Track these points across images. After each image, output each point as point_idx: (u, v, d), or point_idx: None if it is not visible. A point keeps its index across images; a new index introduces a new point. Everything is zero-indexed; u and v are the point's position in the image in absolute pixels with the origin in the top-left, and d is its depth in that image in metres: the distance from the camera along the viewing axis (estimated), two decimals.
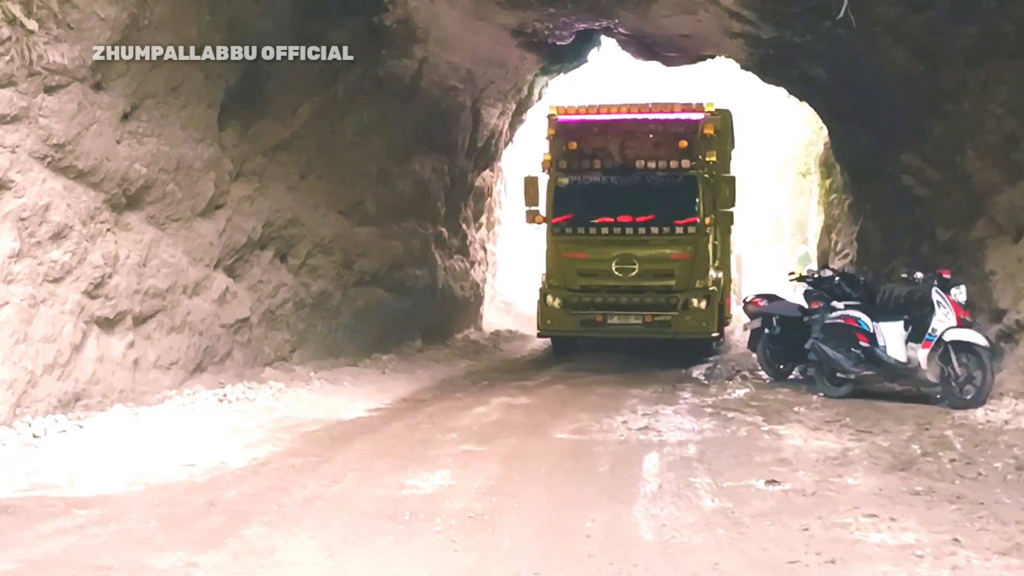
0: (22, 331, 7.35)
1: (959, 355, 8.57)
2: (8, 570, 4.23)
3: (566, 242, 13.81)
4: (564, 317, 13.67)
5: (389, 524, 5.17)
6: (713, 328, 13.66)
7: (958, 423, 7.89)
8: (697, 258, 13.43)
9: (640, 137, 13.93)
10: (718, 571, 4.39)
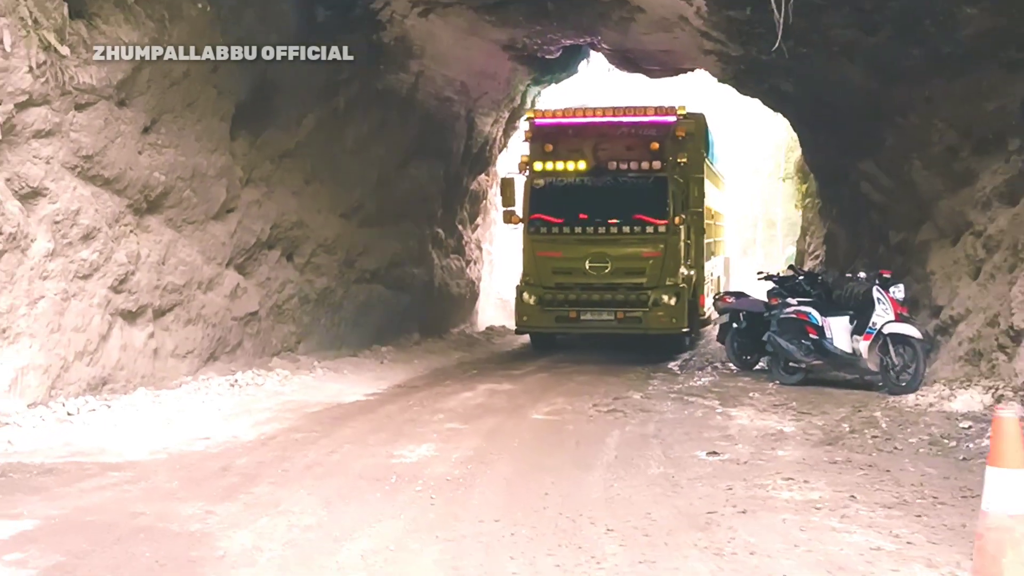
0: (56, 322, 8.16)
1: (896, 346, 9.35)
2: (60, 515, 5.02)
3: (541, 241, 13.92)
4: (540, 314, 13.81)
5: (378, 485, 5.93)
6: (683, 324, 13.78)
7: (890, 406, 8.67)
8: (667, 256, 13.52)
9: (613, 139, 14.00)
10: (648, 519, 5.16)
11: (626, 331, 13.71)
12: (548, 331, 14.26)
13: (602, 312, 13.52)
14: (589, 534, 4.88)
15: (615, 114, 14.14)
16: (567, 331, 14.31)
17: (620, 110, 14.21)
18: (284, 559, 4.42)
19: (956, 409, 8.17)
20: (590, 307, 13.54)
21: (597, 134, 14.05)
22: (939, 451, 6.98)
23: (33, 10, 7.69)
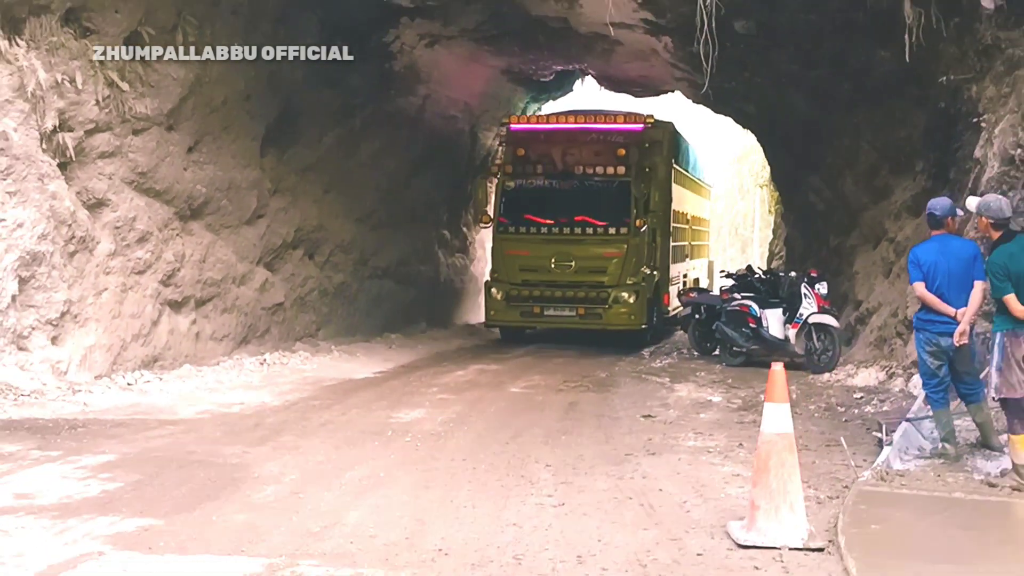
0: (116, 309, 9.56)
1: (818, 333, 10.62)
2: (133, 452, 6.36)
3: (510, 240, 14.13)
4: (506, 309, 14.06)
5: (376, 436, 7.24)
6: (641, 321, 13.95)
7: (806, 382, 9.95)
8: (628, 257, 13.75)
9: (582, 145, 14.21)
10: (579, 458, 6.46)
11: (587, 326, 13.94)
12: (514, 325, 14.46)
13: (564, 308, 13.82)
14: (531, 467, 6.18)
15: (586, 121, 14.41)
16: (531, 325, 14.53)
17: (591, 117, 14.54)
18: (301, 480, 5.74)
19: (856, 384, 9.45)
20: (553, 303, 13.86)
21: (567, 140, 14.32)
22: (829, 414, 8.27)
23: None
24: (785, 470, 4.44)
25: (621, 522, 4.88)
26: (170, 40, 9.61)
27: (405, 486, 5.65)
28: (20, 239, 8.16)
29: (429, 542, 4.45)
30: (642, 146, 14.24)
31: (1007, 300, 5.76)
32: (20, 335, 8.25)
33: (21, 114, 8.19)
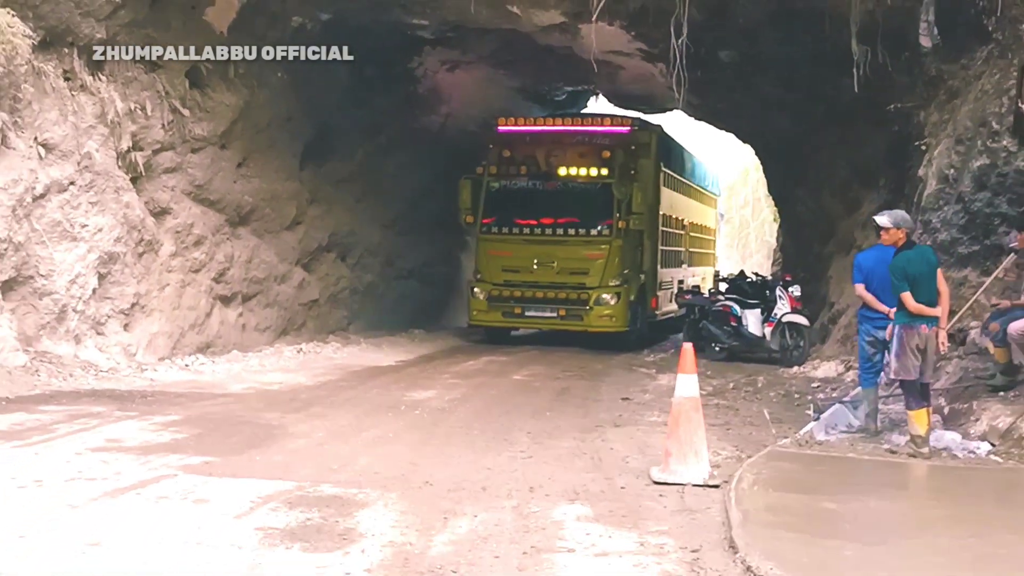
0: (176, 302, 11.04)
1: (790, 331, 11.77)
2: (193, 414, 7.74)
3: (493, 241, 14.10)
4: (488, 309, 14.03)
5: (391, 409, 8.56)
6: (623, 324, 13.90)
7: (775, 374, 11.11)
8: (610, 259, 13.66)
9: (566, 147, 14.11)
10: (557, 428, 7.70)
11: (568, 328, 13.88)
12: (495, 325, 14.38)
13: (545, 309, 13.80)
14: (515, 433, 7.45)
15: (572, 123, 14.47)
16: (513, 325, 14.48)
17: (579, 119, 14.63)
18: (325, 437, 7.07)
19: (817, 375, 10.60)
20: (534, 304, 13.83)
21: (552, 141, 14.27)
22: (785, 400, 9.43)
23: (165, 84, 10.57)
24: (692, 425, 5.68)
25: (572, 468, 6.14)
26: (224, 73, 11.07)
27: (408, 443, 6.97)
28: (100, 241, 9.65)
29: (419, 477, 5.75)
30: (628, 148, 14.19)
31: (904, 297, 6.93)
32: (98, 322, 9.75)
33: (102, 137, 9.69)
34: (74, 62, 9.38)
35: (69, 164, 9.30)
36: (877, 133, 11.39)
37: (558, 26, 12.23)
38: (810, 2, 10.54)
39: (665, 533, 4.58)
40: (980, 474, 6.29)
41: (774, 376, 11.02)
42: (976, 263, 9.30)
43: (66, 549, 4.06)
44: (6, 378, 8.30)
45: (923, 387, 7.01)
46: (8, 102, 8.60)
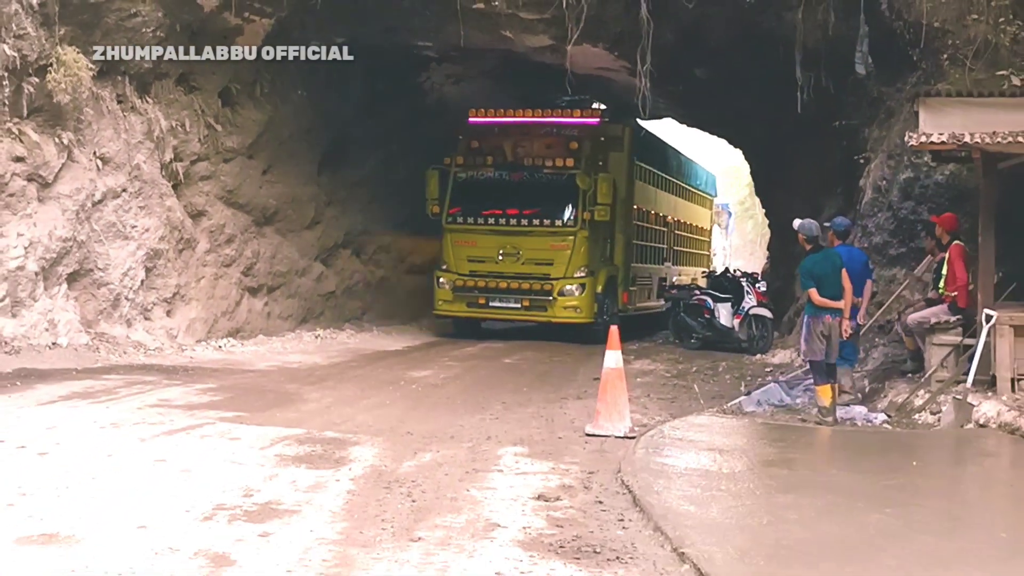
0: (210, 292, 12.84)
1: (756, 323, 13.32)
2: (227, 384, 9.49)
3: (458, 231, 14.31)
4: (453, 300, 14.27)
5: (392, 384, 10.24)
6: (589, 315, 14.04)
7: (738, 360, 12.67)
8: (575, 250, 13.82)
9: (535, 138, 14.27)
10: (528, 399, 9.34)
11: (532, 319, 14.14)
12: (460, 316, 14.62)
13: (510, 300, 14.01)
14: (491, 403, 9.08)
15: (542, 115, 14.53)
16: (478, 316, 14.67)
17: (548, 111, 14.63)
18: (333, 402, 8.76)
19: (773, 361, 12.15)
20: (499, 295, 14.03)
21: (520, 132, 14.41)
22: (738, 381, 10.99)
23: (201, 104, 12.37)
24: (616, 390, 7.32)
25: (527, 426, 7.80)
26: (251, 92, 12.86)
27: (400, 408, 8.66)
28: (147, 240, 11.47)
29: (402, 429, 7.43)
30: (597, 140, 14.34)
31: (811, 293, 8.49)
32: (146, 308, 11.59)
33: (148, 150, 11.51)
34: (126, 88, 11.19)
35: (122, 174, 11.12)
36: (834, 145, 12.88)
37: (548, 47, 13.82)
38: (768, 29, 12.08)
39: (576, 463, 6.23)
40: (860, 435, 7.86)
41: (736, 362, 12.59)
42: (903, 263, 10.83)
43: (141, 464, 5.80)
44: (73, 354, 10.15)
45: (828, 367, 8.56)
46: (73, 123, 10.43)
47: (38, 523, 4.45)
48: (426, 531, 4.58)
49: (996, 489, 6.33)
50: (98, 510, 4.72)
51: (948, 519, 5.19)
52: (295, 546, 4.27)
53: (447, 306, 14.58)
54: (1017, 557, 4.42)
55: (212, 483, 5.34)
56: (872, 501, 5.35)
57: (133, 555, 4.03)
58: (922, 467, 6.49)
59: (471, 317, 14.66)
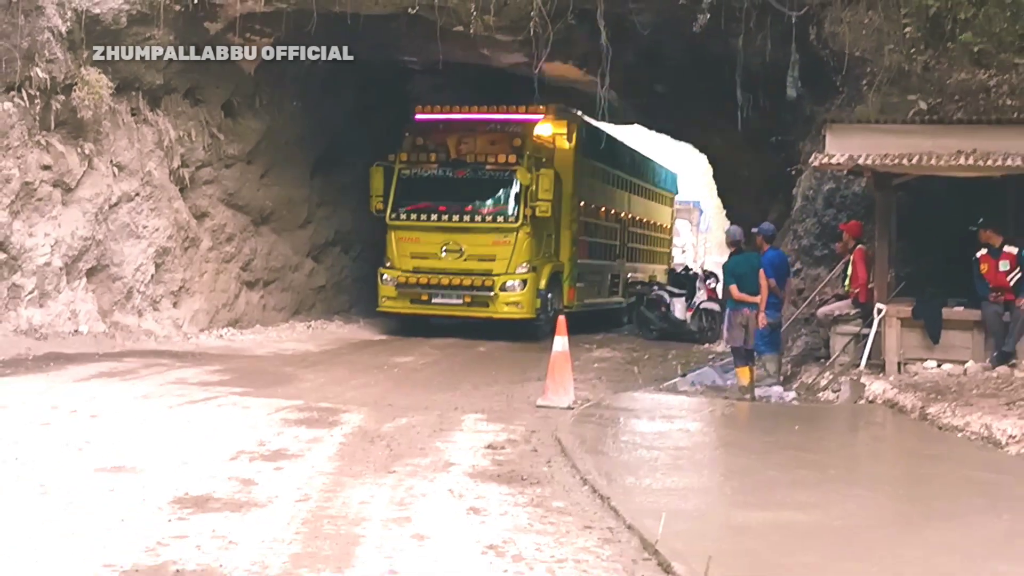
0: (212, 286, 14.36)
1: (705, 316, 14.93)
2: (229, 367, 11.02)
3: (402, 228, 14.52)
4: (397, 296, 14.46)
5: (376, 368, 11.77)
6: (529, 311, 14.26)
7: (689, 349, 14.28)
8: (517, 247, 14.02)
9: (478, 135, 14.51)
10: (495, 380, 10.90)
11: (474, 315, 14.29)
12: (403, 312, 14.81)
13: (452, 296, 14.24)
14: (463, 383, 10.61)
15: (488, 111, 14.82)
16: (420, 312, 14.78)
17: (493, 108, 14.86)
18: (325, 383, 10.28)
19: (717, 350, 13.75)
20: (441, 291, 14.27)
21: (464, 129, 14.72)
22: (682, 366, 12.58)
23: (206, 116, 13.87)
24: (563, 370, 8.90)
25: (490, 400, 9.36)
26: (251, 104, 14.37)
27: (383, 387, 10.21)
28: (156, 238, 12.98)
29: (385, 402, 8.97)
30: (539, 137, 14.71)
31: (732, 289, 10.11)
32: (155, 300, 13.10)
33: (158, 158, 13.01)
34: (139, 102, 12.68)
35: (135, 180, 12.62)
36: (774, 156, 14.48)
37: (522, 63, 15.35)
38: (716, 53, 13.64)
39: (523, 425, 7.80)
40: (769, 408, 9.48)
41: (685, 351, 14.21)
42: (827, 263, 12.43)
43: (174, 424, 7.35)
44: (93, 340, 11.66)
45: (747, 352, 10.18)
46: (93, 135, 11.92)
47: (108, 460, 5.98)
48: (399, 467, 6.14)
49: (860, 447, 7.97)
50: (149, 452, 6.27)
51: (799, 462, 6.78)
52: (301, 475, 5.83)
53: (391, 303, 14.75)
54: (852, 487, 5.97)
55: (232, 437, 6.89)
56: (746, 449, 6.97)
57: (183, 480, 5.57)
58: (803, 431, 8.10)
59: (414, 314, 14.76)
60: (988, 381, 9.23)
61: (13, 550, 4.25)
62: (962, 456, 7.11)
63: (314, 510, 5.05)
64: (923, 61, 11.83)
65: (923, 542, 4.72)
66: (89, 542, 4.37)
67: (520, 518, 5.03)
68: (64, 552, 4.24)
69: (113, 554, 4.19)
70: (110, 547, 4.29)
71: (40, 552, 4.23)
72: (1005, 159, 9.45)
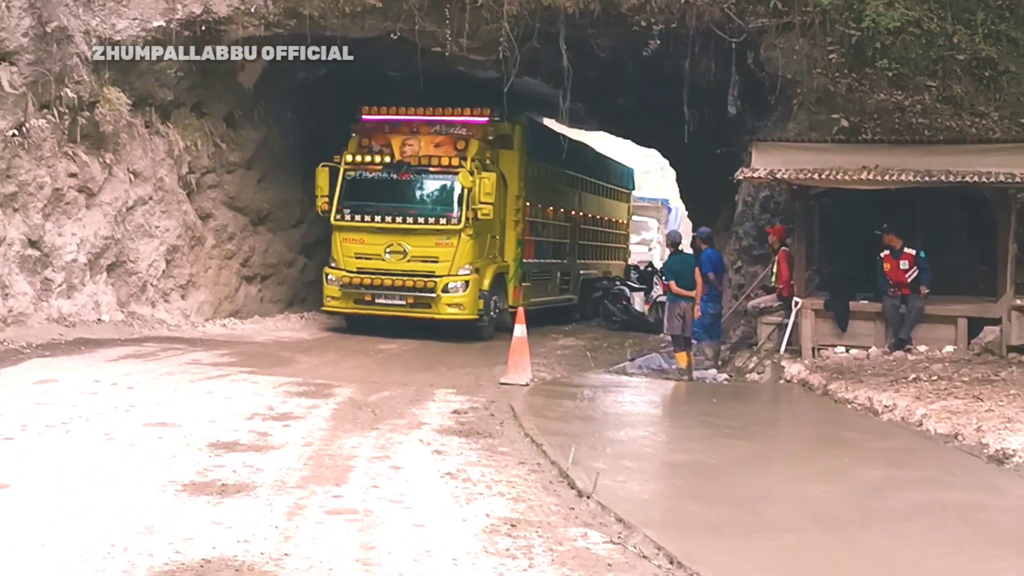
0: (215, 280, 15.96)
1: (661, 308, 16.61)
2: (237, 350, 12.60)
3: (346, 229, 14.70)
4: (341, 296, 14.71)
5: (363, 353, 13.37)
6: (472, 312, 14.50)
7: (645, 338, 15.98)
8: (459, 248, 14.29)
9: (423, 136, 14.70)
10: (469, 364, 12.54)
11: (416, 315, 14.53)
12: (347, 312, 15.07)
13: (395, 296, 14.44)
14: (440, 367, 12.24)
15: (432, 113, 15.01)
16: (364, 312, 14.91)
17: (439, 110, 15.05)
18: (318, 365, 11.90)
19: (668, 339, 15.43)
20: (384, 291, 14.45)
21: (409, 131, 14.87)
22: (634, 352, 14.28)
23: (210, 127, 15.45)
24: (521, 353, 10.57)
25: (460, 379, 11.01)
26: (250, 116, 15.96)
27: (369, 368, 11.85)
28: (167, 238, 14.56)
29: (371, 380, 10.60)
30: (485, 138, 14.91)
31: (670, 285, 11.81)
32: (166, 293, 14.70)
33: (169, 166, 14.58)
34: (152, 116, 14.25)
35: (148, 185, 14.19)
36: (723, 164, 16.17)
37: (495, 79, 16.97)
38: (669, 72, 15.30)
39: (485, 397, 9.46)
40: (702, 386, 11.18)
41: (641, 340, 15.91)
42: (763, 262, 14.13)
43: (197, 394, 8.97)
44: (113, 328, 13.25)
45: (685, 339, 11.89)
46: (113, 146, 13.49)
47: (151, 418, 7.62)
48: (381, 426, 7.80)
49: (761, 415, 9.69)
50: (182, 413, 7.90)
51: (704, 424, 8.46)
52: (305, 430, 7.48)
53: (335, 303, 15.00)
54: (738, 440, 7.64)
55: (246, 404, 8.53)
56: (664, 416, 8.66)
57: (213, 432, 7.20)
58: (719, 404, 9.80)
59: (357, 314, 14.97)
60: (884, 363, 10.99)
61: (100, 474, 5.88)
62: (842, 422, 8.82)
63: (316, 451, 6.71)
64: (846, 83, 13.55)
65: (767, 474, 6.42)
66: (154, 469, 6.01)
67: (472, 457, 6.71)
68: (138, 475, 5.88)
69: (174, 475, 5.84)
70: (171, 471, 5.94)
71: (121, 475, 5.87)
72: (900, 174, 11.18)
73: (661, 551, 4.51)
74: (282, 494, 5.53)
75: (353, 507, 5.29)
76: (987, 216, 12.39)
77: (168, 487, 5.59)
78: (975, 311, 11.24)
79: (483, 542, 4.74)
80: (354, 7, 13.97)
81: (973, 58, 13.43)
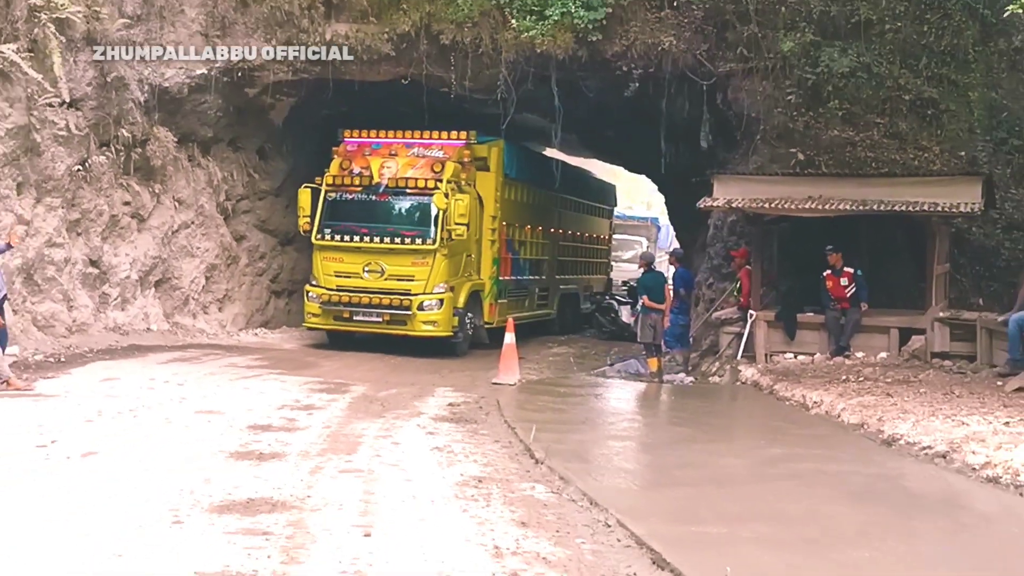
0: (248, 294, 17.54)
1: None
2: (266, 354, 14.13)
3: (326, 248, 15.06)
4: (322, 313, 15.00)
5: (376, 359, 14.81)
6: (446, 329, 14.72)
7: (629, 346, 17.32)
8: (435, 267, 14.56)
9: (401, 158, 15.07)
10: (468, 368, 14.01)
11: (393, 332, 14.79)
12: (327, 329, 15.38)
13: (372, 314, 14.73)
14: (442, 370, 13.70)
15: (412, 136, 15.44)
16: (343, 329, 15.21)
17: (419, 133, 15.48)
18: (340, 368, 13.33)
19: None
20: (363, 309, 14.77)
21: (389, 153, 15.28)
22: (616, 358, 15.65)
23: (244, 159, 17.06)
24: (511, 357, 12.02)
25: (459, 380, 12.46)
26: (279, 149, 17.58)
27: (382, 372, 13.31)
28: (206, 257, 16.16)
29: (382, 380, 12.06)
30: (461, 160, 15.27)
31: (643, 299, 13.23)
32: (205, 306, 16.28)
33: (208, 194, 16.20)
34: (194, 150, 15.87)
35: (191, 211, 15.79)
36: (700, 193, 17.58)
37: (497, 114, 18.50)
38: (649, 110, 16.76)
39: (477, 394, 10.91)
40: (670, 388, 12.56)
41: (626, 348, 17.27)
42: (731, 279, 15.50)
43: (235, 391, 10.47)
44: (161, 336, 14.83)
45: (656, 347, 13.30)
46: (160, 177, 15.11)
47: (200, 407, 9.13)
48: (388, 415, 9.27)
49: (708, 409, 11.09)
50: (225, 404, 9.40)
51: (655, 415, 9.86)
52: (325, 417, 8.96)
53: (315, 320, 15.29)
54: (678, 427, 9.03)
55: (277, 397, 10.02)
56: (625, 409, 10.06)
57: (251, 418, 8.69)
58: (676, 401, 11.19)
59: (336, 330, 15.31)
60: (825, 368, 12.35)
61: (166, 445, 7.38)
62: (776, 415, 10.19)
63: (334, 432, 8.19)
64: (804, 121, 14.98)
65: (690, 450, 7.83)
66: (206, 442, 7.51)
67: (457, 436, 8.17)
68: (195, 447, 7.38)
69: (223, 447, 7.34)
70: (220, 444, 7.43)
71: (182, 446, 7.38)
72: (840, 203, 12.56)
73: (585, 496, 5.94)
74: (306, 460, 7.01)
75: (360, 468, 6.76)
76: (924, 239, 13.73)
77: (219, 454, 7.08)
78: (905, 322, 12.57)
79: (455, 491, 6.19)
80: (371, 55, 15.54)
81: (917, 98, 14.84)
